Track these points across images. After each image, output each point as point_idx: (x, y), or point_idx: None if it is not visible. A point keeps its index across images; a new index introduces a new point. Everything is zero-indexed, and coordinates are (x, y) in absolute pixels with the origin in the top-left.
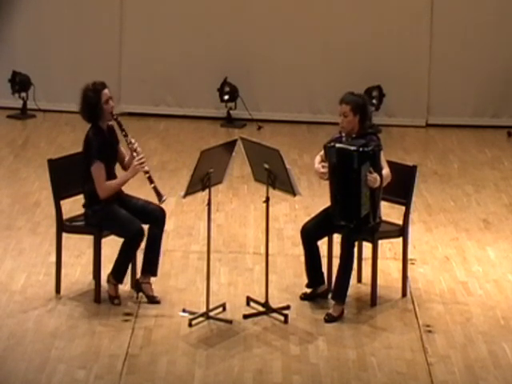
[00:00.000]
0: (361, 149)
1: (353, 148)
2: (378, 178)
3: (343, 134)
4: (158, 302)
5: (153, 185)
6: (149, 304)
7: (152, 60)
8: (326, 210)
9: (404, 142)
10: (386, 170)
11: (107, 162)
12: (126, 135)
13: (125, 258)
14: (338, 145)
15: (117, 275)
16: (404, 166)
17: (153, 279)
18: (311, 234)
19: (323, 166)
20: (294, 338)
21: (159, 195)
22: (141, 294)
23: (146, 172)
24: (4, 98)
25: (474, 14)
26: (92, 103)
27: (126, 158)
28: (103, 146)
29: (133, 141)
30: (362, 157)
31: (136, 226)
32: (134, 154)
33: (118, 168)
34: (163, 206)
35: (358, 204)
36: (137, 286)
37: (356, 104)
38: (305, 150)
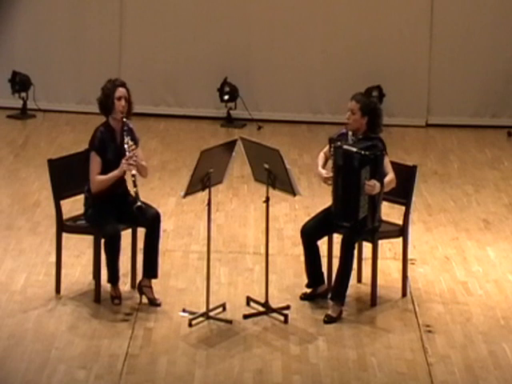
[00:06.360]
0: (362, 152)
1: (355, 150)
2: (377, 185)
3: (349, 131)
4: (158, 305)
5: (135, 189)
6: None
7: (152, 60)
8: (326, 210)
9: (404, 142)
10: (389, 176)
11: (107, 159)
12: (125, 135)
13: (108, 259)
14: (345, 146)
15: (109, 277)
16: (404, 165)
17: (154, 280)
18: (311, 233)
19: (327, 172)
20: (294, 337)
21: (136, 200)
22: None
23: (132, 175)
24: (4, 98)
25: (474, 14)
26: (106, 94)
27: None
28: (106, 141)
29: (130, 143)
30: (362, 160)
31: (110, 229)
32: (127, 153)
33: None
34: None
35: (357, 206)
36: (139, 289)
37: (365, 104)
38: (305, 150)
